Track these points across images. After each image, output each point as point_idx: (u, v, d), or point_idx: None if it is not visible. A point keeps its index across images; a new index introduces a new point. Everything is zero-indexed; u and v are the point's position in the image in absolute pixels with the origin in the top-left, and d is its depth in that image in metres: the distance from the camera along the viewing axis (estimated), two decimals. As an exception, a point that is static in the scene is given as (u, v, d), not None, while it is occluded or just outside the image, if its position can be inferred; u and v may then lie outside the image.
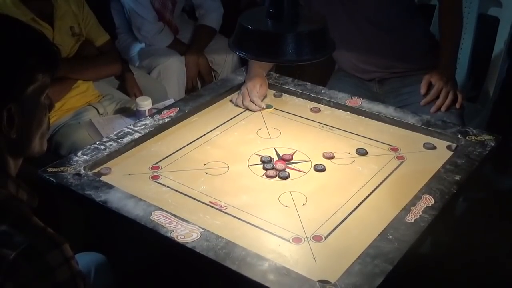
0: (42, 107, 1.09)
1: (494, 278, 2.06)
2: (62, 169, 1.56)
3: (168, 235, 1.32)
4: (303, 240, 1.35)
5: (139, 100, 2.07)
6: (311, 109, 1.96)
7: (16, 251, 0.91)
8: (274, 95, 2.04)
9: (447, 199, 1.45)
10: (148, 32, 2.86)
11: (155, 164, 1.64)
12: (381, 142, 1.75)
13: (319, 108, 1.95)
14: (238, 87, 2.07)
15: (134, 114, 2.12)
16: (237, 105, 1.96)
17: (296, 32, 1.23)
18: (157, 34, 2.87)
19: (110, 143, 1.69)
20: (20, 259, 0.91)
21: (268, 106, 1.96)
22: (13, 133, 1.04)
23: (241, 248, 1.28)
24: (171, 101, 2.25)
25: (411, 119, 1.83)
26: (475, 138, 1.71)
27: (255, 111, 1.93)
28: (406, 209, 1.40)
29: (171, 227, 1.34)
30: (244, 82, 2.02)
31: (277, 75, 2.14)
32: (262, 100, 1.96)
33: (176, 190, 1.53)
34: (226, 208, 1.46)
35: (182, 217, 1.38)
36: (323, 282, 1.20)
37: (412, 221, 1.36)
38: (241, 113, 1.93)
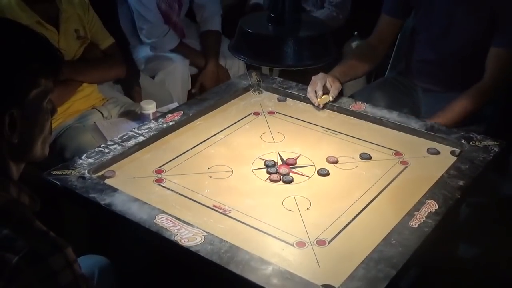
0: (44, 112, 1.08)
1: (497, 283, 2.05)
2: (66, 172, 1.56)
3: (172, 238, 1.32)
4: (306, 244, 1.35)
5: (144, 103, 2.08)
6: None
7: (19, 255, 0.90)
8: (278, 100, 2.04)
9: (451, 204, 1.45)
10: (152, 35, 2.86)
11: (159, 167, 1.65)
12: (385, 147, 1.75)
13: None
14: (242, 91, 2.07)
15: (139, 118, 2.13)
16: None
17: (297, 36, 1.23)
18: (161, 37, 2.87)
19: (114, 146, 1.70)
20: (22, 263, 0.90)
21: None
22: (14, 138, 1.03)
23: (244, 252, 1.28)
24: (175, 104, 2.26)
25: (415, 124, 1.83)
26: (479, 143, 1.71)
27: (314, 104, 1.96)
28: (410, 214, 1.40)
29: (175, 231, 1.34)
30: None
31: (281, 79, 2.14)
32: (332, 96, 1.96)
33: (180, 194, 1.53)
34: (230, 212, 1.46)
35: (186, 220, 1.38)
36: (327, 286, 1.20)
37: (416, 226, 1.36)
38: (245, 117, 1.93)
